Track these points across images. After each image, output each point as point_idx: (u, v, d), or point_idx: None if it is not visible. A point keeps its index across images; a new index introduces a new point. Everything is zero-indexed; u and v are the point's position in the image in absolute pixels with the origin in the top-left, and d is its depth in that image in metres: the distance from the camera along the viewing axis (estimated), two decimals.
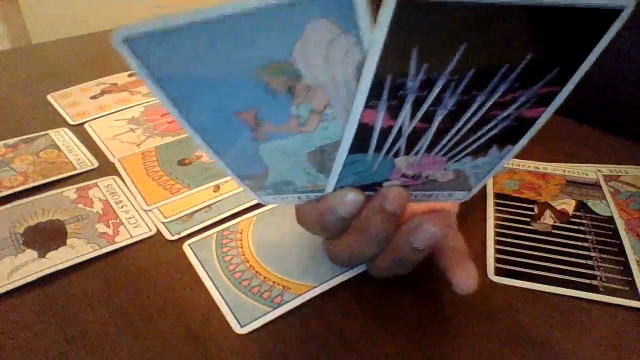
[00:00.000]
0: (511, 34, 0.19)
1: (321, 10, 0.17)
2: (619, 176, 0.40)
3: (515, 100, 0.21)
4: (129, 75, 0.60)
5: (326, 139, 0.23)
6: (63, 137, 0.48)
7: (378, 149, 0.23)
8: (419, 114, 0.21)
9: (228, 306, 0.30)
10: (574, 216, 0.37)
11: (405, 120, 0.21)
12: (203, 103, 0.21)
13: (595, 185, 0.40)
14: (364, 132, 0.22)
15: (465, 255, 0.28)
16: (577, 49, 0.20)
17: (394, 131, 0.22)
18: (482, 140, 0.24)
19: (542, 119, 0.23)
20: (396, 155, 0.24)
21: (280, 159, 0.24)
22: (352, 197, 0.26)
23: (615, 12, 0.18)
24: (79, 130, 0.49)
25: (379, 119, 0.21)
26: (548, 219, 0.36)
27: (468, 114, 0.22)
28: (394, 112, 0.21)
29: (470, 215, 0.36)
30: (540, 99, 0.21)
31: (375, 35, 0.17)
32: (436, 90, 0.20)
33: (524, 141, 0.24)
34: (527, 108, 0.22)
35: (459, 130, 0.23)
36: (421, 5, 0.17)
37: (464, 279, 0.27)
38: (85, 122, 0.51)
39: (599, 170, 0.41)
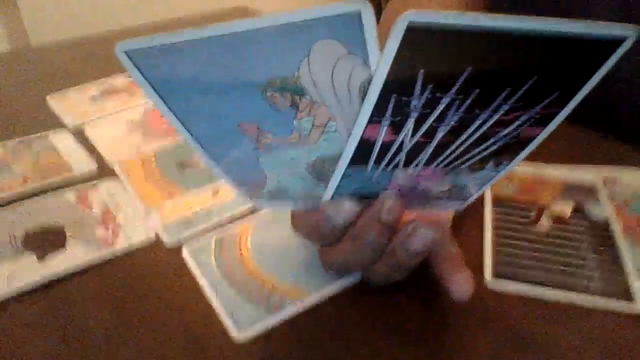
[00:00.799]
0: (514, 59, 0.19)
1: (329, 30, 0.18)
2: (616, 179, 0.41)
3: (515, 119, 0.22)
4: (129, 77, 0.60)
5: (327, 151, 0.23)
6: (62, 140, 0.48)
7: (378, 161, 0.23)
8: (421, 130, 0.22)
9: (226, 311, 0.30)
10: (571, 219, 0.37)
11: (407, 136, 0.22)
12: (204, 114, 0.21)
13: (593, 189, 0.40)
14: (365, 145, 0.22)
15: (461, 262, 0.28)
16: (579, 74, 0.20)
17: (395, 145, 0.22)
18: (480, 156, 0.24)
19: (540, 138, 0.23)
20: (395, 167, 0.24)
21: (280, 169, 0.24)
22: (348, 206, 0.26)
23: (616, 42, 0.18)
24: (79, 133, 0.50)
25: (381, 134, 0.21)
26: (546, 222, 0.36)
27: (469, 131, 0.22)
28: (396, 127, 0.21)
29: (468, 218, 0.36)
30: (540, 119, 0.22)
31: (383, 57, 0.18)
32: (439, 109, 0.20)
33: (520, 157, 0.25)
34: (527, 127, 0.22)
35: (459, 146, 0.23)
36: (428, 31, 0.17)
37: (460, 286, 0.27)
38: (84, 125, 0.51)
39: (596, 174, 0.41)
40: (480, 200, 0.39)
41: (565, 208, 0.38)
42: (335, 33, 0.18)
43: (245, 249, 0.34)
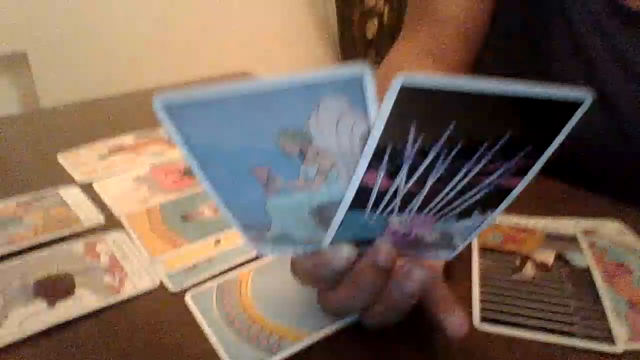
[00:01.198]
0: (492, 116, 0.22)
1: (336, 89, 0.21)
2: (595, 230, 0.43)
3: (496, 170, 0.25)
4: (135, 137, 0.64)
5: (329, 197, 0.26)
6: (71, 194, 0.51)
7: (374, 207, 0.26)
8: (413, 178, 0.24)
9: (228, 354, 0.31)
10: (554, 267, 0.39)
11: (401, 183, 0.25)
12: (223, 160, 0.24)
13: (573, 239, 0.42)
14: (363, 191, 0.25)
15: (453, 302, 0.30)
16: (547, 131, 0.23)
17: (390, 192, 0.25)
18: (467, 204, 0.27)
19: (519, 188, 0.26)
20: (390, 213, 0.27)
21: (285, 214, 0.27)
22: (347, 252, 0.28)
23: (576, 103, 0.22)
24: (87, 188, 0.52)
25: (378, 182, 0.24)
26: (529, 270, 0.39)
27: (455, 180, 0.25)
28: (392, 175, 0.24)
29: (457, 266, 0.38)
30: (518, 170, 0.25)
31: (380, 113, 0.21)
32: (429, 159, 0.23)
33: (502, 207, 0.27)
34: (506, 177, 0.25)
35: (447, 193, 0.26)
36: (419, 91, 0.20)
37: (455, 324, 0.29)
38: (93, 181, 0.54)
39: (576, 224, 0.44)
40: (468, 250, 0.41)
41: (547, 256, 0.40)
42: (340, 91, 0.21)
43: (246, 294, 0.36)
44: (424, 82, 0.20)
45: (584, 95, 0.22)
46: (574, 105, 0.22)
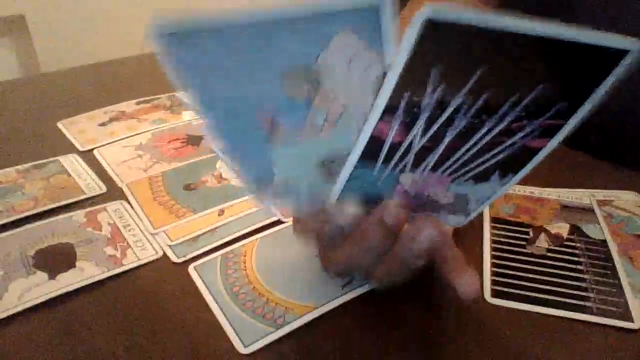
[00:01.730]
0: (525, 64, 0.20)
1: (349, 23, 0.18)
2: (612, 201, 0.42)
3: (521, 129, 0.22)
4: (137, 103, 0.62)
5: (337, 148, 0.24)
6: (73, 163, 0.50)
7: (386, 162, 0.24)
8: (430, 132, 0.22)
9: (232, 326, 0.30)
10: (568, 239, 0.38)
11: (416, 137, 0.22)
12: (225, 100, 0.22)
13: (589, 210, 0.41)
14: (374, 144, 0.23)
15: (464, 262, 0.29)
16: (584, 85, 0.21)
17: (404, 146, 0.23)
18: (486, 165, 0.25)
19: (545, 151, 0.24)
20: (402, 171, 0.25)
21: (289, 164, 0.25)
22: (353, 208, 0.26)
23: (620, 54, 0.19)
24: (88, 157, 0.51)
25: (392, 133, 0.22)
26: (543, 242, 0.37)
27: (476, 138, 0.23)
28: (406, 127, 0.22)
29: (467, 238, 0.37)
30: (545, 131, 0.23)
31: (399, 51, 0.18)
32: (449, 111, 0.21)
33: (525, 170, 0.25)
34: (532, 138, 0.23)
35: (466, 152, 0.24)
36: (446, 26, 0.18)
37: (467, 285, 0.27)
38: (94, 149, 0.52)
39: (592, 196, 0.42)
40: (480, 220, 0.40)
41: (562, 228, 0.39)
42: (355, 25, 0.19)
43: (250, 266, 0.35)
44: (454, 16, 0.17)
45: (633, 45, 0.19)
46: (617, 56, 0.20)
